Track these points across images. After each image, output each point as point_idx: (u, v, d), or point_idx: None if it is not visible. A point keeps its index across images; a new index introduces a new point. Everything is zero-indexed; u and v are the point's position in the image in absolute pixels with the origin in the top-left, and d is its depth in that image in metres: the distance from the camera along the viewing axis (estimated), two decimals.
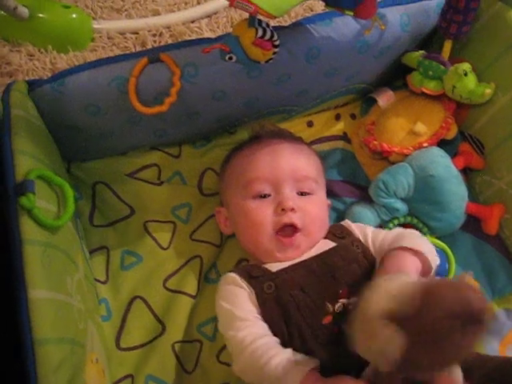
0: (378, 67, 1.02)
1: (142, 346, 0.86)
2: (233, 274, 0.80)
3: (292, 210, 0.82)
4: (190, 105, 0.89)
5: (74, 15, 1.22)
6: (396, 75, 1.09)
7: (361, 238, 0.85)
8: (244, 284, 0.78)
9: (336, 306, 0.73)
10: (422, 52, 1.00)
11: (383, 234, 0.85)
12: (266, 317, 0.75)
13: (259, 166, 0.86)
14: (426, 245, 0.79)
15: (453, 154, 0.99)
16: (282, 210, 0.82)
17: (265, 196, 0.84)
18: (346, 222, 0.90)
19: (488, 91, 0.93)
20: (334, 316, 0.73)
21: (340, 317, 0.73)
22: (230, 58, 0.73)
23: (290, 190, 0.85)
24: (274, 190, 0.85)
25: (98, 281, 0.91)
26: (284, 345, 0.72)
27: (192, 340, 0.87)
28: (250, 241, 0.85)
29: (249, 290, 0.77)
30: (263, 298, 0.76)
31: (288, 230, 0.82)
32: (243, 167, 0.88)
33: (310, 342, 0.71)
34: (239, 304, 0.76)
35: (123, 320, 0.88)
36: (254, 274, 0.79)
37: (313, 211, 0.85)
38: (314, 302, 0.74)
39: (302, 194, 0.86)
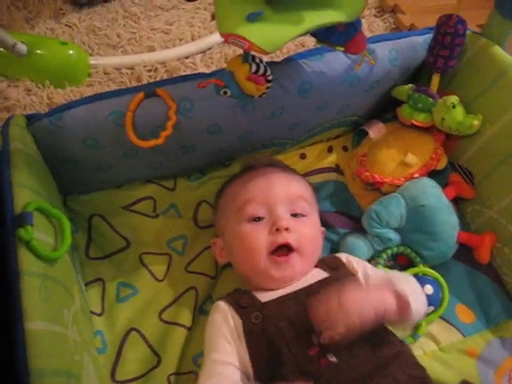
0: (368, 100, 1.05)
1: (138, 378, 0.85)
2: (222, 304, 0.81)
3: (287, 229, 0.82)
4: (186, 138, 0.90)
5: (71, 51, 1.24)
6: (386, 108, 1.11)
7: (359, 274, 0.85)
8: (232, 313, 0.79)
9: (321, 338, 0.73)
10: (411, 85, 1.03)
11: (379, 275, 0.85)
12: (251, 345, 0.75)
13: (252, 189, 0.87)
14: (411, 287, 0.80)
15: (443, 185, 1.01)
16: (277, 230, 0.82)
17: (259, 219, 0.85)
18: (343, 257, 0.90)
19: (476, 123, 0.95)
20: (320, 348, 0.73)
21: (326, 349, 0.73)
22: (225, 93, 0.75)
23: (283, 212, 0.85)
24: (268, 212, 0.85)
25: (94, 313, 0.90)
26: (266, 374, 0.72)
27: (187, 372, 0.86)
28: (246, 264, 0.85)
29: (236, 319, 0.78)
30: (249, 328, 0.76)
31: (283, 250, 0.83)
32: (236, 193, 0.89)
33: (296, 373, 0.71)
34: (218, 344, 0.77)
35: (119, 352, 0.87)
36: (243, 304, 0.79)
37: (307, 232, 0.85)
38: (299, 334, 0.74)
39: (295, 215, 0.86)
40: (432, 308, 0.92)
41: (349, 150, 1.15)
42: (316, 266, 0.87)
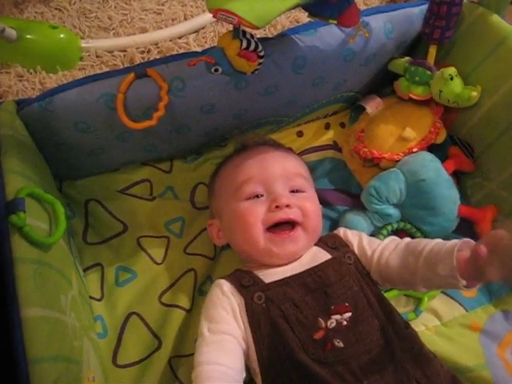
0: (364, 75, 1.03)
1: (139, 362, 0.85)
2: (223, 281, 0.80)
3: (287, 206, 0.82)
4: (179, 119, 0.89)
5: (62, 35, 1.22)
6: (383, 82, 1.09)
7: (355, 245, 0.85)
8: (233, 291, 0.78)
9: (328, 322, 0.73)
10: (407, 58, 1.01)
11: (382, 244, 0.83)
12: (254, 324, 0.74)
13: (249, 169, 0.87)
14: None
15: (443, 158, 1.00)
16: (277, 207, 0.82)
17: (257, 196, 0.84)
18: (340, 231, 0.89)
19: (474, 94, 0.94)
20: (326, 332, 0.72)
21: (333, 333, 0.72)
22: (216, 70, 0.74)
23: (282, 189, 0.85)
24: (266, 190, 0.84)
25: (93, 298, 0.90)
26: (269, 356, 0.72)
27: (188, 354, 0.86)
28: (246, 243, 0.83)
29: (237, 298, 0.77)
30: (252, 308, 0.75)
31: (286, 227, 0.82)
32: (233, 173, 0.88)
33: (299, 356, 0.70)
34: (217, 315, 0.76)
35: (119, 337, 0.87)
36: (245, 283, 0.78)
37: (309, 207, 0.85)
38: (305, 317, 0.74)
39: (294, 192, 0.86)
40: None
41: (346, 127, 1.14)
42: (316, 245, 0.86)
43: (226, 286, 0.79)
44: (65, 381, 0.60)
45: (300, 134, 1.12)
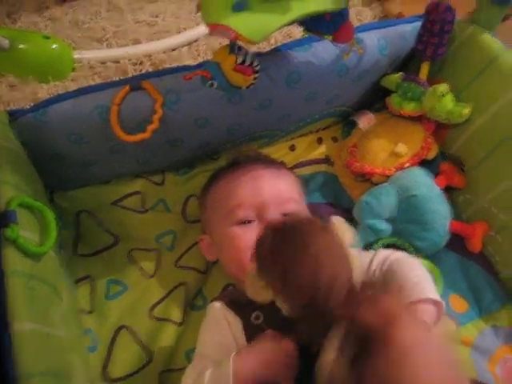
0: (357, 90, 1.04)
1: (130, 375, 0.84)
2: (217, 304, 0.79)
3: None
4: (173, 132, 0.89)
5: (55, 46, 1.22)
6: (376, 98, 1.10)
7: None
8: (229, 313, 0.76)
9: None
10: (400, 74, 1.02)
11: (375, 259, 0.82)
12: None
13: (241, 192, 0.86)
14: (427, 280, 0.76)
15: (434, 174, 1.00)
16: None
17: (249, 222, 0.84)
18: None
19: (466, 111, 0.94)
20: None
21: None
22: (212, 85, 0.74)
23: (274, 214, 0.84)
24: (258, 216, 0.84)
25: (83, 311, 0.89)
26: None
27: (180, 368, 0.85)
28: (237, 267, 0.83)
29: (234, 321, 0.76)
30: (251, 329, 0.74)
31: None
32: (225, 195, 0.88)
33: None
34: (209, 344, 0.76)
35: (109, 350, 0.86)
36: (241, 302, 0.76)
37: None
38: None
39: (286, 215, 0.85)
40: None
41: (338, 141, 1.14)
42: None
43: (221, 309, 0.78)
44: None
45: (293, 148, 1.12)
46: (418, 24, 0.97)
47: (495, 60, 0.91)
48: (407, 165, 0.99)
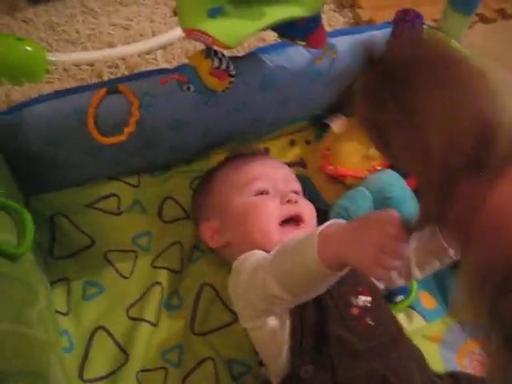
0: (330, 94, 1.06)
1: (106, 376, 0.85)
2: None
3: (296, 202, 0.87)
4: (149, 134, 0.90)
5: (29, 48, 1.20)
6: (348, 101, 1.12)
7: None
8: None
9: (358, 301, 0.76)
10: None
11: None
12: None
13: (255, 168, 0.91)
14: None
15: (405, 176, 1.03)
16: (288, 201, 0.86)
17: (265, 193, 0.88)
18: None
19: None
20: (359, 309, 0.76)
21: (365, 311, 0.76)
22: (188, 88, 0.75)
23: (286, 188, 0.90)
24: (273, 188, 0.89)
25: (60, 312, 0.89)
26: (307, 326, 0.73)
27: (156, 368, 0.86)
28: (259, 235, 0.84)
29: None
30: None
31: (293, 222, 0.86)
32: (239, 171, 0.91)
33: (341, 329, 0.73)
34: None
35: (86, 351, 0.87)
36: None
37: (309, 207, 0.90)
38: (344, 293, 0.76)
39: (294, 193, 0.90)
40: (402, 297, 0.94)
41: (311, 144, 1.16)
42: None
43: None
44: None
45: (266, 151, 1.14)
46: (388, 30, 1.00)
47: None
48: (379, 167, 1.02)
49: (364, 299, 0.77)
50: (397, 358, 0.73)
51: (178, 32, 1.30)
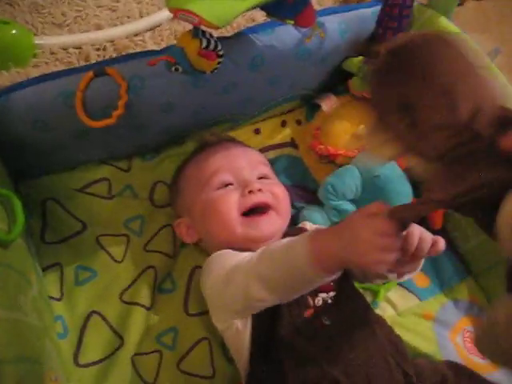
0: (320, 73, 1.06)
1: (101, 361, 0.85)
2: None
3: (259, 190, 0.85)
4: (138, 117, 0.89)
5: (14, 31, 1.19)
6: (338, 81, 1.12)
7: None
8: None
9: (316, 300, 0.75)
10: (362, 58, 1.04)
11: None
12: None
13: (216, 161, 0.89)
14: None
15: None
16: (250, 192, 0.84)
17: (227, 185, 0.87)
18: (306, 224, 0.92)
19: None
20: (315, 309, 0.75)
21: (321, 310, 0.75)
22: (176, 69, 0.74)
23: (252, 176, 0.88)
24: (236, 178, 0.87)
25: (53, 298, 0.89)
26: (262, 330, 0.73)
27: (151, 351, 0.86)
28: (223, 231, 0.84)
29: None
30: None
31: (259, 211, 0.84)
32: (200, 167, 0.90)
33: (293, 333, 0.72)
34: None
35: (80, 336, 0.87)
36: None
37: (278, 191, 0.88)
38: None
39: (261, 178, 0.89)
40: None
41: (302, 124, 1.16)
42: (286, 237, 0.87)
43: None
44: (27, 382, 0.60)
45: (257, 132, 1.13)
46: (378, 8, 1.00)
47: None
48: None
49: (325, 296, 0.76)
50: (355, 359, 0.71)
51: (165, 13, 1.29)
